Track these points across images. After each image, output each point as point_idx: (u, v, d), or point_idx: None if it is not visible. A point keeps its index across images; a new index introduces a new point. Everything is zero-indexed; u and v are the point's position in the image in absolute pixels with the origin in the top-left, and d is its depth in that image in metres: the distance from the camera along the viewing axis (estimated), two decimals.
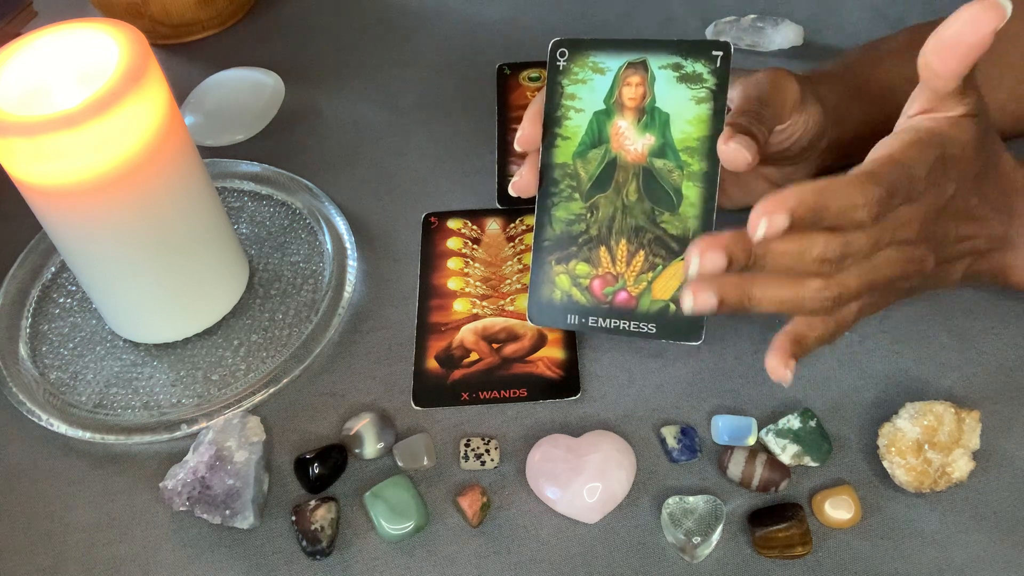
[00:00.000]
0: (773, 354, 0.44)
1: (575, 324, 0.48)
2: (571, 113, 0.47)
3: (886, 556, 0.46)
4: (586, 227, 0.47)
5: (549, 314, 0.48)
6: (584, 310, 0.47)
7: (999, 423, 0.50)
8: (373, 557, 0.48)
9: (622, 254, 0.47)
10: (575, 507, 0.48)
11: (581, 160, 0.47)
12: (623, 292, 0.47)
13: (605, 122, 0.46)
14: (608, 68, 0.46)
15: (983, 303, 0.55)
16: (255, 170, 0.67)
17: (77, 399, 0.56)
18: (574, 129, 0.47)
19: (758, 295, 0.41)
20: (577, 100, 0.47)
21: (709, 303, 0.40)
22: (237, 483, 0.48)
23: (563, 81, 0.47)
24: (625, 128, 0.46)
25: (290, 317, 0.59)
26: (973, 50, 0.41)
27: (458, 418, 0.53)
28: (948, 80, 0.42)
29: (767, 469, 0.48)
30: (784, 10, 0.75)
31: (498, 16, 0.80)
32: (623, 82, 0.46)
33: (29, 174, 0.48)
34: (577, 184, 0.47)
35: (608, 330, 0.47)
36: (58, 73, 0.51)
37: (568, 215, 0.47)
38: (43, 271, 0.63)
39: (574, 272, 0.47)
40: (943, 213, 0.44)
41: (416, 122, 0.71)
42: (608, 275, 0.47)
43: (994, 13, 0.40)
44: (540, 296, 0.48)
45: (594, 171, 0.47)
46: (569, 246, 0.47)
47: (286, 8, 0.83)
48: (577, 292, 0.47)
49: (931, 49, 0.42)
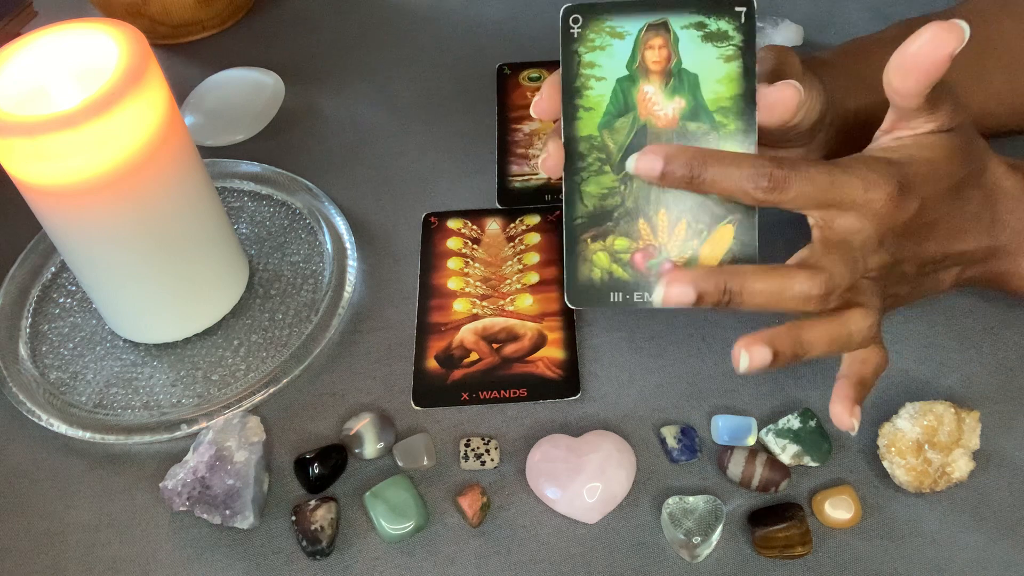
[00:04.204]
0: (837, 403, 0.44)
1: (620, 302, 0.45)
2: (591, 82, 0.45)
3: (886, 556, 0.46)
4: (621, 200, 0.45)
5: (590, 295, 0.45)
6: (628, 286, 0.45)
7: (999, 423, 0.50)
8: (373, 557, 0.48)
9: (663, 224, 0.44)
10: (575, 507, 0.48)
11: (608, 131, 0.45)
12: (668, 263, 0.44)
13: (630, 88, 0.44)
14: (627, 32, 0.44)
15: (983, 303, 0.55)
16: (255, 170, 0.67)
17: (77, 399, 0.56)
18: (597, 99, 0.45)
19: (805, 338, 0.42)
20: (597, 68, 0.44)
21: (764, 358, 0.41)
22: (237, 483, 0.48)
23: (579, 49, 0.44)
24: (652, 93, 0.44)
25: (290, 317, 0.59)
26: (932, 70, 0.41)
27: (458, 418, 0.53)
28: (908, 99, 0.42)
29: (767, 469, 0.48)
30: (784, 10, 0.75)
31: (498, 16, 0.80)
32: (645, 45, 0.44)
33: (29, 174, 0.48)
34: (607, 156, 0.45)
35: (656, 305, 0.45)
36: (58, 73, 0.51)
37: (600, 189, 0.45)
38: (43, 271, 0.63)
39: (613, 248, 0.45)
40: (908, 231, 0.44)
41: (416, 122, 0.71)
42: (650, 247, 0.44)
43: (953, 36, 0.40)
44: (578, 277, 0.45)
45: (624, 140, 0.44)
46: (605, 221, 0.45)
47: (286, 8, 0.83)
48: (618, 268, 0.45)
49: (892, 67, 0.42)
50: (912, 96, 0.42)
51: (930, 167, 0.43)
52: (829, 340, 0.42)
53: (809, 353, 0.42)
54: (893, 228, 0.43)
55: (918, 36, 0.40)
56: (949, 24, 0.40)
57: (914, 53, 0.41)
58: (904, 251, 0.44)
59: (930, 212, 0.44)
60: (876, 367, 0.45)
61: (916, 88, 0.42)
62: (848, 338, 0.42)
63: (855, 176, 0.42)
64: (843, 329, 0.42)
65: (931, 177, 0.43)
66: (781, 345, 0.41)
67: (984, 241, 0.47)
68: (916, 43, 0.40)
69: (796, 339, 0.41)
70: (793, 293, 0.41)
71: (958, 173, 0.45)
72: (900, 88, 0.42)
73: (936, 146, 0.44)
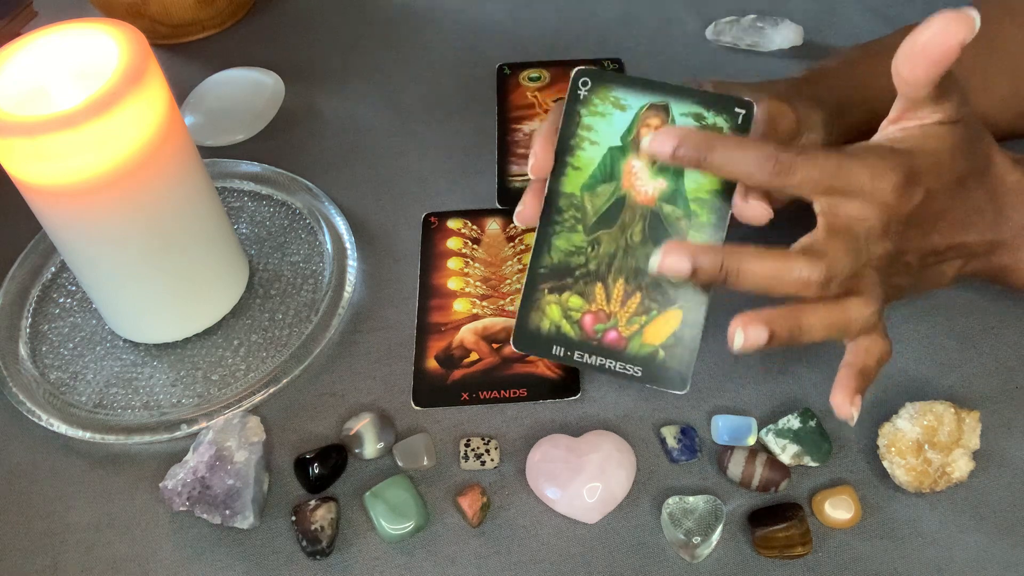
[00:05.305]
0: (838, 391, 0.44)
1: (560, 356, 0.47)
2: (586, 144, 0.46)
3: (886, 556, 0.46)
4: (585, 260, 0.46)
5: (534, 342, 0.47)
6: (571, 343, 0.47)
7: (999, 423, 0.50)
8: (373, 557, 0.48)
9: (618, 293, 0.46)
10: (575, 507, 0.48)
11: (589, 193, 0.46)
12: (614, 331, 0.46)
13: (619, 159, 0.46)
14: (629, 106, 0.46)
15: (983, 303, 0.55)
16: (255, 170, 0.67)
17: (77, 399, 0.56)
18: (587, 161, 0.46)
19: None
20: (593, 132, 0.46)
21: (760, 338, 0.41)
22: (237, 483, 0.48)
23: (582, 111, 0.46)
24: (638, 169, 0.46)
25: (290, 317, 0.59)
26: (941, 60, 0.41)
27: (458, 418, 0.53)
28: (917, 88, 0.42)
29: (767, 469, 0.48)
30: (784, 10, 0.75)
31: (498, 16, 0.80)
32: (642, 122, 0.46)
33: (29, 174, 0.48)
34: (582, 216, 0.46)
35: (593, 367, 0.46)
36: (58, 73, 0.51)
37: (569, 246, 0.46)
38: (43, 271, 0.63)
39: (566, 304, 0.46)
40: (912, 221, 0.44)
41: (416, 122, 0.71)
42: (601, 312, 0.46)
43: (963, 25, 0.40)
44: (528, 323, 0.47)
45: (601, 206, 0.46)
46: (565, 277, 0.47)
47: (286, 8, 0.83)
48: (567, 324, 0.47)
49: (901, 56, 0.42)
50: (921, 85, 0.42)
51: (936, 158, 0.44)
52: (827, 325, 0.42)
53: (806, 337, 0.42)
54: (898, 217, 0.43)
55: (928, 25, 0.41)
56: (959, 13, 0.40)
57: (924, 42, 0.41)
58: (908, 242, 0.44)
59: (935, 203, 0.44)
60: (879, 357, 0.44)
61: (925, 77, 0.42)
62: (847, 325, 0.42)
63: (862, 164, 0.42)
64: (842, 315, 0.42)
65: (936, 168, 0.44)
66: (778, 326, 0.41)
67: (987, 235, 0.47)
68: (926, 32, 0.41)
69: (794, 321, 0.41)
70: (792, 277, 0.41)
71: (963, 166, 0.45)
72: (909, 77, 0.42)
73: (942, 137, 0.44)
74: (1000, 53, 0.56)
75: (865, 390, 0.44)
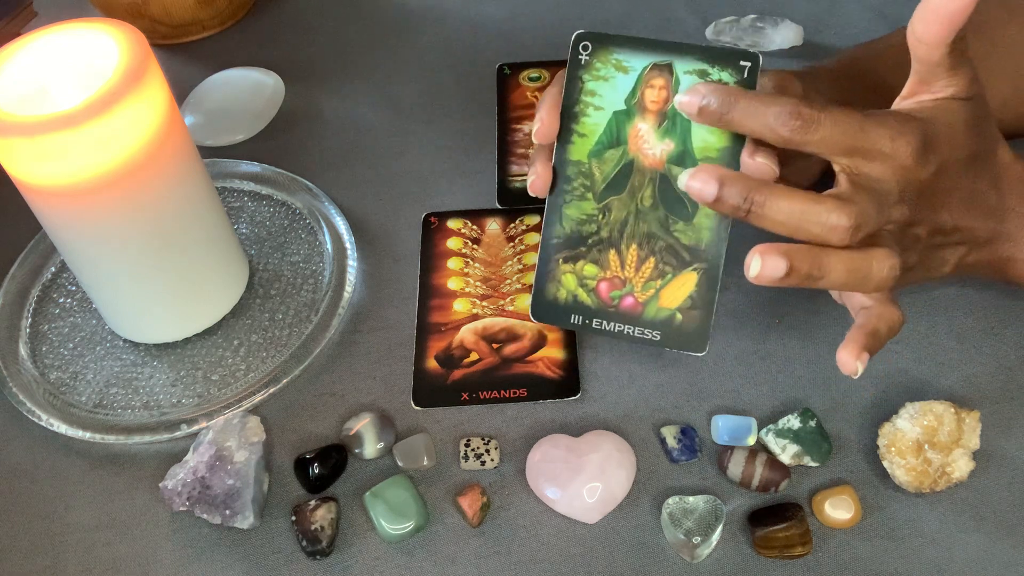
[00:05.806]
0: (846, 346, 0.43)
1: (578, 324, 0.47)
2: (590, 110, 0.46)
3: (886, 556, 0.46)
4: (597, 228, 0.46)
5: (552, 312, 0.47)
6: (589, 311, 0.47)
7: (999, 423, 0.50)
8: (373, 557, 0.48)
9: (632, 259, 0.46)
10: (575, 507, 0.48)
11: (597, 160, 0.46)
12: (630, 297, 0.46)
13: (625, 123, 0.46)
14: (632, 67, 0.45)
15: (983, 303, 0.55)
16: (255, 170, 0.67)
17: (77, 399, 0.56)
18: (592, 127, 0.46)
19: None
20: (597, 97, 0.46)
21: (779, 269, 0.40)
22: (237, 483, 0.48)
23: (584, 76, 0.46)
24: (645, 131, 0.45)
25: (290, 317, 0.59)
26: (955, 16, 0.41)
27: (458, 418, 0.53)
28: (933, 47, 0.43)
29: (767, 469, 0.48)
30: (784, 10, 0.75)
31: (498, 16, 0.80)
32: (646, 84, 0.45)
33: (29, 174, 0.48)
34: (591, 184, 0.46)
35: (612, 334, 0.46)
36: (58, 73, 0.51)
37: (580, 214, 0.46)
38: (43, 271, 0.63)
39: (581, 272, 0.47)
40: (925, 191, 0.43)
41: (416, 122, 0.71)
42: (616, 279, 0.46)
43: None
44: (544, 294, 0.47)
45: (609, 172, 0.46)
46: (578, 246, 0.47)
47: (286, 8, 0.83)
48: (583, 293, 0.47)
49: (917, 16, 0.42)
50: (936, 45, 0.42)
51: (949, 131, 0.44)
52: (849, 269, 0.41)
53: (825, 279, 0.41)
54: (914, 183, 0.43)
55: None
56: None
57: (938, 1, 0.41)
58: (920, 211, 0.44)
59: (946, 177, 0.44)
60: (891, 324, 0.44)
61: (940, 36, 0.42)
62: (868, 274, 0.41)
63: (884, 125, 0.42)
64: (865, 263, 0.41)
65: (951, 140, 0.44)
66: (798, 261, 0.40)
67: (991, 223, 0.47)
68: None
69: (815, 259, 0.40)
70: (820, 219, 0.40)
71: (974, 143, 0.45)
72: (924, 36, 0.42)
73: (956, 111, 0.44)
74: (1001, 54, 0.56)
75: (873, 351, 0.43)
